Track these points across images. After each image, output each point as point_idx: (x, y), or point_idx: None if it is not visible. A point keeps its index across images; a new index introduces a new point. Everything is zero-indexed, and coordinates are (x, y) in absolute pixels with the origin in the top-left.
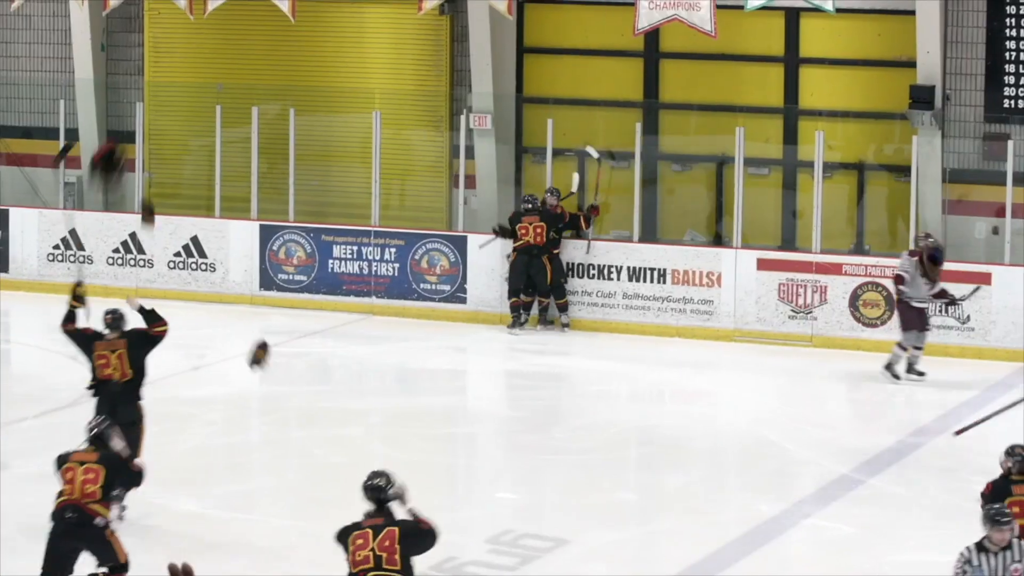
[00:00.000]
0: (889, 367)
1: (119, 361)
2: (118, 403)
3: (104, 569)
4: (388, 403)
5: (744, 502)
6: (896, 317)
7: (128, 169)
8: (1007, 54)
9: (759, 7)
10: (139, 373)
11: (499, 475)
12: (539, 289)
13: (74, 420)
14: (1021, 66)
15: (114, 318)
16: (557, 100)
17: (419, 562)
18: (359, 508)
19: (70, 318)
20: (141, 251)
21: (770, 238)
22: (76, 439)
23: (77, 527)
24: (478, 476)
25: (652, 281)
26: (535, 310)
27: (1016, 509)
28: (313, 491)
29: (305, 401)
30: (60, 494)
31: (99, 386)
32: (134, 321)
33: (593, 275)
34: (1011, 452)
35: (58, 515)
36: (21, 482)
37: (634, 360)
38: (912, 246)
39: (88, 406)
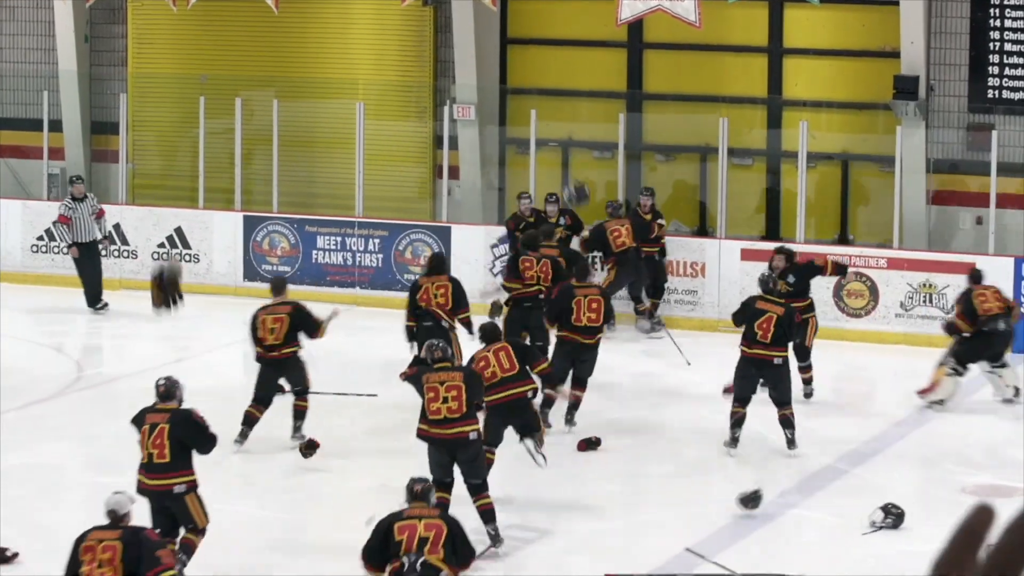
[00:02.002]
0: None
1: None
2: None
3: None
4: (374, 399)
5: (728, 492)
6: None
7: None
8: (991, 44)
9: None
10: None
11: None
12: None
13: (58, 412)
14: (1005, 56)
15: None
16: (541, 91)
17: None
18: (340, 500)
19: None
20: (125, 242)
21: (754, 228)
22: (60, 431)
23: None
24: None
25: None
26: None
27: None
28: (296, 483)
29: (289, 393)
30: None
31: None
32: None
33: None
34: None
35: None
36: (5, 475)
37: (618, 351)
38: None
39: (73, 398)
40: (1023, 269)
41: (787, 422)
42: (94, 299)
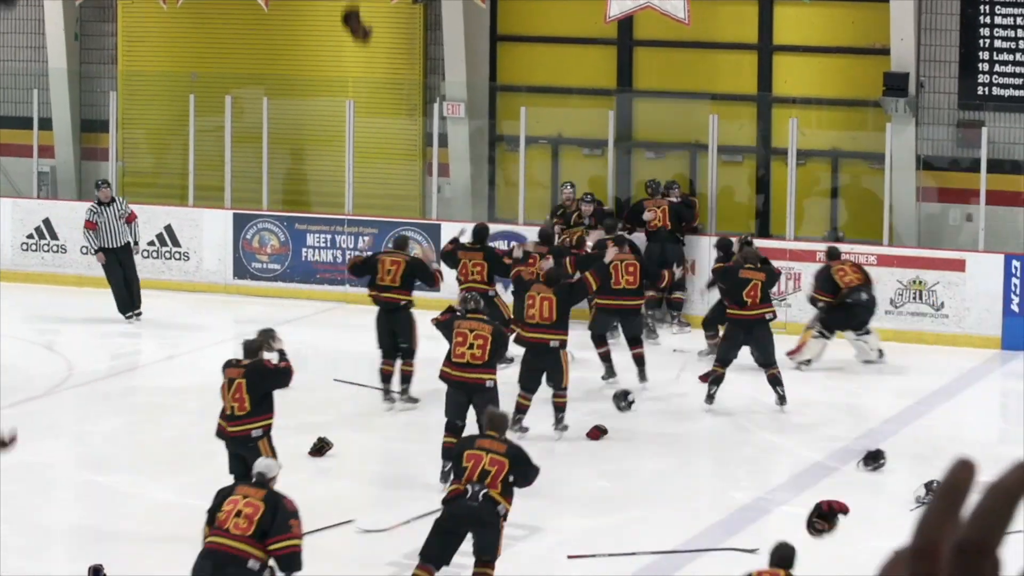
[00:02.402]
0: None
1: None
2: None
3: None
4: (362, 391)
5: (718, 489)
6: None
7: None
8: (981, 41)
9: None
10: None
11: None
12: None
13: (49, 410)
14: (995, 53)
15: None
16: (530, 88)
17: (394, 551)
18: (332, 495)
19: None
20: None
21: (744, 225)
22: (52, 429)
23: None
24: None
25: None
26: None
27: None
28: (288, 479)
29: (279, 390)
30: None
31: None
32: None
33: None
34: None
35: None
36: None
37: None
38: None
39: (65, 396)
40: (1013, 266)
41: (775, 380)
42: (124, 306)
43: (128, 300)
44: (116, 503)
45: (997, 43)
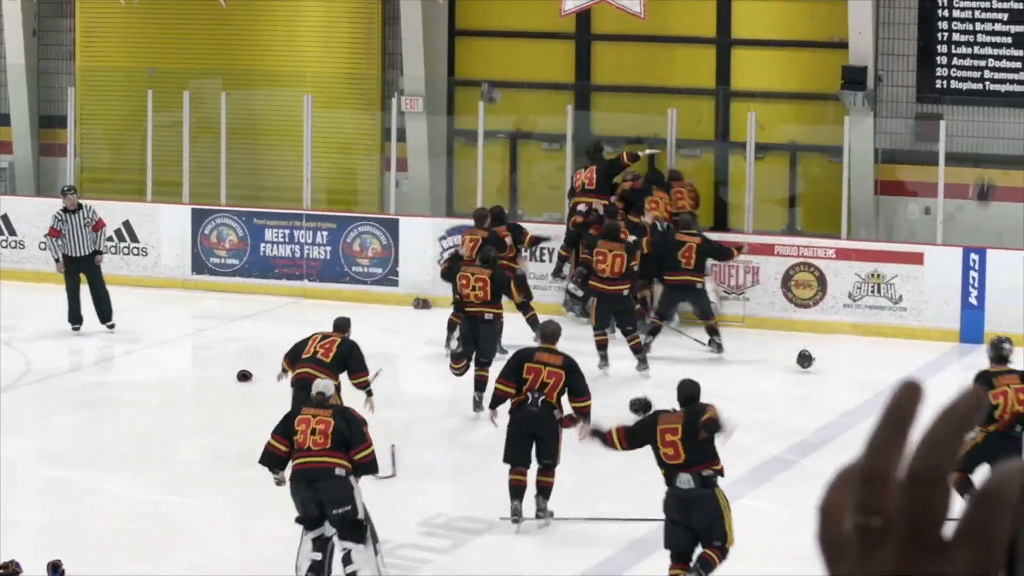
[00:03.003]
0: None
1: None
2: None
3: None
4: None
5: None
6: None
7: None
8: (939, 35)
9: None
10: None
11: (432, 458)
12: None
13: (8, 406)
14: (953, 46)
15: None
16: (489, 82)
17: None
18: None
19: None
20: None
21: (703, 219)
22: (11, 425)
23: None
24: (411, 459)
25: None
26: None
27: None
28: (246, 475)
29: (238, 385)
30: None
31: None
32: None
33: (525, 257)
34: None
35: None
36: None
37: (565, 340)
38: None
39: (23, 393)
40: (971, 259)
41: (713, 330)
42: (75, 317)
43: (78, 314)
44: (77, 499)
45: (955, 36)
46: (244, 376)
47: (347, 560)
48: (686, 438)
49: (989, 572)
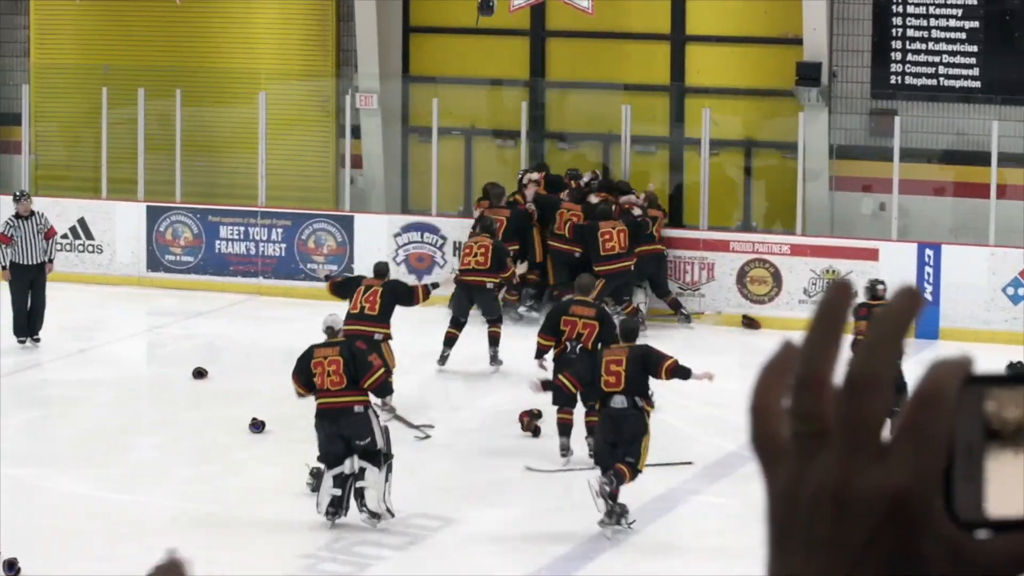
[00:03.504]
0: None
1: None
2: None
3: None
4: (275, 384)
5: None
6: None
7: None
8: (893, 30)
9: None
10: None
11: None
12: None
13: None
14: (907, 42)
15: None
16: (443, 79)
17: (308, 544)
18: (246, 488)
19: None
20: None
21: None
22: None
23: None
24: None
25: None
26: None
27: None
28: (201, 472)
29: (193, 382)
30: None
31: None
32: None
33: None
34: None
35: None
36: None
37: (521, 337)
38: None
39: None
40: (926, 254)
41: (676, 303)
42: (20, 330)
43: (25, 326)
44: (30, 497)
45: (910, 32)
46: (199, 374)
47: (359, 477)
48: (628, 369)
49: (929, 476)
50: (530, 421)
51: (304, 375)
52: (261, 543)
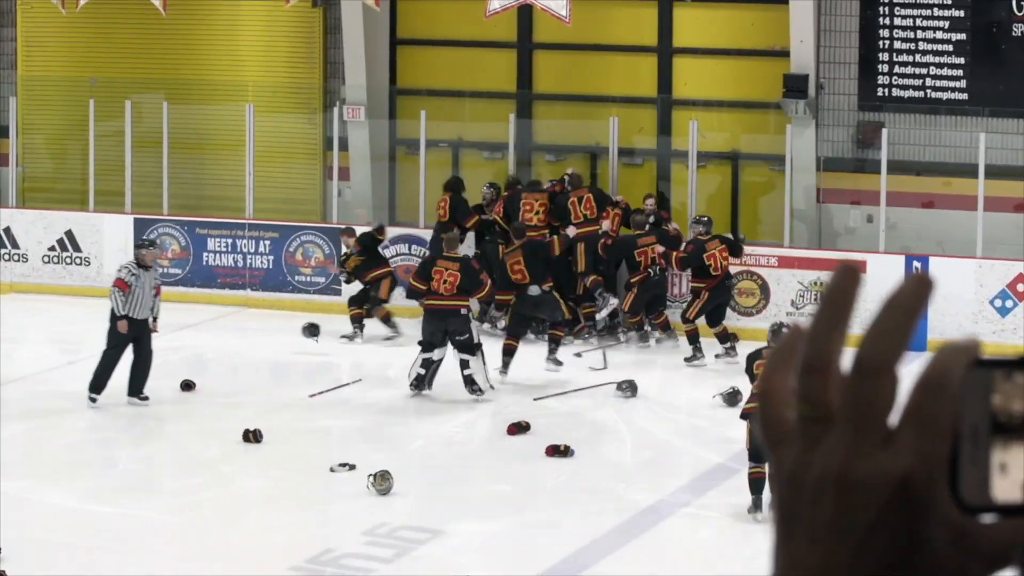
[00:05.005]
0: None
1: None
2: None
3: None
4: (262, 396)
5: (619, 492)
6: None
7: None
8: (880, 43)
9: None
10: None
11: (374, 468)
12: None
13: None
14: (894, 55)
15: None
16: (430, 91)
17: (295, 557)
18: (232, 502)
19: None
20: (16, 245)
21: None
22: None
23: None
24: (355, 470)
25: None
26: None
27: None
28: (189, 484)
29: (180, 395)
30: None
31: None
32: None
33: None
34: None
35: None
36: None
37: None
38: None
39: None
40: (913, 266)
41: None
42: (98, 387)
43: (104, 384)
44: (16, 509)
45: (897, 44)
46: (187, 386)
47: (465, 365)
48: (527, 264)
49: (933, 460)
50: (518, 434)
51: (424, 276)
52: (248, 556)
